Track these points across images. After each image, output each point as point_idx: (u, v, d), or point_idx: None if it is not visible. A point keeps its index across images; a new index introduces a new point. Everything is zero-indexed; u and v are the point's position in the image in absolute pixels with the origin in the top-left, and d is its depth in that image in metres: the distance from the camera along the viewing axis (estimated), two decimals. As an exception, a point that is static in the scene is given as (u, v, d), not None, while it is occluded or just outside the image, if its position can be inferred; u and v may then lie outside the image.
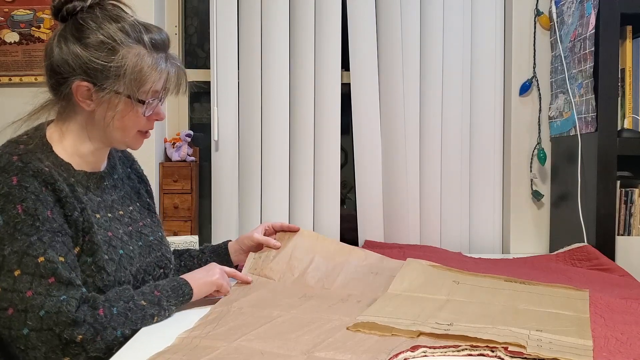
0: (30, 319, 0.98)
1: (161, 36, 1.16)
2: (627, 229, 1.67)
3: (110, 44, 1.10)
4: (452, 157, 2.05)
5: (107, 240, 1.13)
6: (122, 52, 1.10)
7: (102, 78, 1.11)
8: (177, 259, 1.47)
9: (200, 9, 2.27)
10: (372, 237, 2.03)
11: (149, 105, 1.16)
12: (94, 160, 1.19)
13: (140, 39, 1.12)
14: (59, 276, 1.01)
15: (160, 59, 1.14)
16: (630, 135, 1.67)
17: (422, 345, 0.96)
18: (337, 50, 2.02)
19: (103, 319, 1.01)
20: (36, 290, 0.99)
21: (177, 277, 1.20)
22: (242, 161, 2.06)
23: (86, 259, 1.09)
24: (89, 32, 1.11)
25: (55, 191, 1.05)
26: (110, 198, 1.22)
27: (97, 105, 1.13)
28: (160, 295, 1.12)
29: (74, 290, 1.01)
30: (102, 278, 1.09)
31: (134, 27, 1.13)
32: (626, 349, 0.96)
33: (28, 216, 1.01)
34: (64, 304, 0.99)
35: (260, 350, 0.95)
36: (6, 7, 2.03)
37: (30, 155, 1.07)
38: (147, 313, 1.08)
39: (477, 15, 2.05)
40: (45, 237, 1.02)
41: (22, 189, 1.02)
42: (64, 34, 1.13)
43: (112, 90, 1.11)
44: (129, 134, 1.18)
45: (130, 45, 1.11)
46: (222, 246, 1.50)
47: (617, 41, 1.66)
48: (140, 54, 1.12)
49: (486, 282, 1.34)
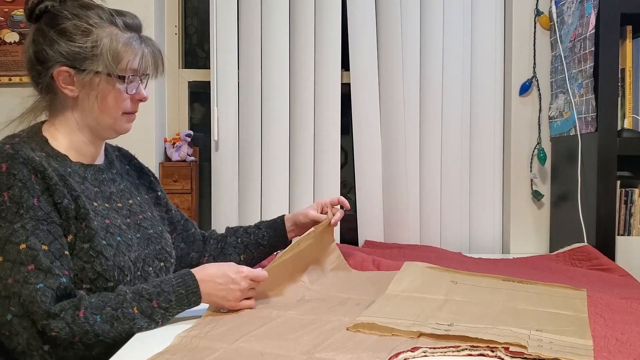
0: (12, 304, 0.99)
1: (134, 20, 1.19)
2: (627, 229, 1.67)
3: (84, 27, 1.13)
4: (452, 157, 2.05)
5: (104, 227, 1.13)
6: (96, 32, 1.14)
7: (80, 60, 1.13)
8: (231, 236, 1.48)
9: (200, 9, 2.27)
10: (372, 237, 2.03)
11: (130, 83, 1.17)
12: (89, 152, 1.20)
13: (113, 21, 1.16)
14: (38, 263, 1.01)
15: (133, 38, 1.17)
16: (630, 135, 1.67)
17: (422, 346, 0.96)
18: (337, 50, 2.02)
19: (82, 321, 1.00)
20: (15, 277, 1.00)
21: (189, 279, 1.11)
22: (242, 161, 2.06)
23: (82, 246, 1.08)
24: (63, 20, 1.14)
25: (45, 179, 1.06)
26: (108, 190, 1.22)
27: (80, 89, 1.15)
28: (156, 308, 1.07)
29: (52, 279, 1.01)
30: (100, 263, 1.08)
31: (106, 11, 1.17)
32: (626, 349, 0.96)
33: (13, 204, 1.03)
34: (39, 294, 0.99)
35: (260, 352, 0.94)
36: (6, 7, 2.03)
37: (23, 144, 1.09)
38: (135, 325, 1.04)
39: (477, 15, 2.05)
40: (29, 225, 1.02)
41: (10, 176, 1.04)
42: (39, 27, 1.16)
43: (92, 70, 1.14)
44: (114, 114, 1.18)
45: (103, 27, 1.15)
46: (277, 221, 1.50)
47: (617, 41, 1.66)
48: (114, 32, 1.15)
49: (484, 281, 1.34)
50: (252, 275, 1.17)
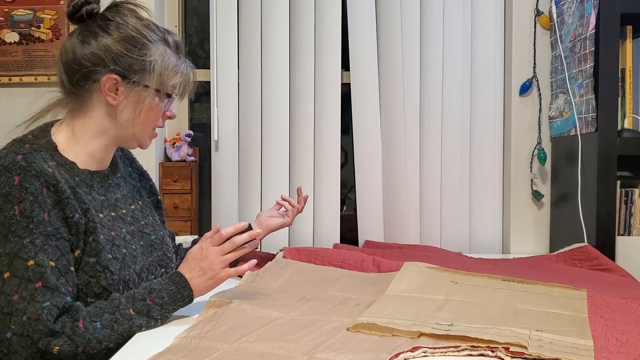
0: (13, 322, 0.97)
1: (179, 39, 1.23)
2: (627, 229, 1.67)
3: (141, 40, 1.14)
4: (452, 157, 2.05)
5: (110, 240, 1.13)
6: (152, 48, 1.15)
7: (133, 72, 1.13)
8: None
9: (200, 9, 2.27)
10: (372, 237, 2.03)
11: (170, 101, 1.21)
12: (100, 157, 1.19)
13: (165, 39, 1.18)
14: (46, 281, 0.99)
15: (181, 60, 1.21)
16: (630, 135, 1.67)
17: (422, 346, 0.96)
18: (337, 50, 2.02)
19: (83, 331, 0.99)
20: (21, 294, 0.98)
21: (176, 276, 1.14)
22: (242, 161, 2.06)
23: (89, 260, 1.08)
24: (118, 27, 1.14)
25: (57, 192, 1.04)
26: (114, 197, 1.21)
27: (123, 99, 1.15)
28: (151, 305, 1.08)
29: (59, 297, 1.00)
30: (106, 277, 1.08)
31: (158, 27, 1.19)
32: (626, 349, 0.96)
33: (23, 218, 1.01)
34: (45, 312, 0.97)
35: (261, 352, 0.94)
36: (6, 7, 2.03)
37: (35, 154, 1.07)
38: (135, 324, 1.05)
39: (477, 15, 2.05)
40: (38, 240, 1.01)
41: (22, 189, 1.01)
42: (89, 29, 1.14)
43: (141, 83, 1.14)
44: (148, 129, 1.20)
45: (158, 43, 1.16)
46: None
47: (617, 41, 1.66)
48: (167, 51, 1.17)
49: (484, 281, 1.34)
50: (210, 242, 1.16)
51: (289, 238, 2.05)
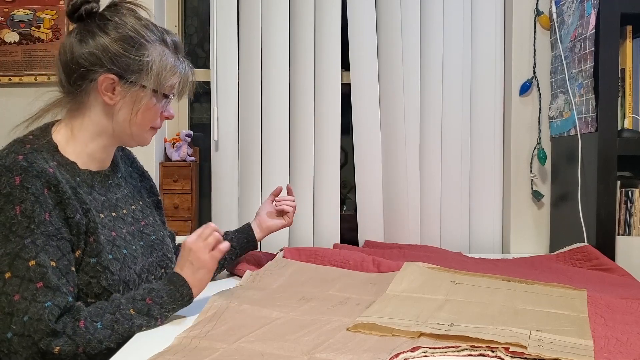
0: (14, 322, 0.97)
1: (178, 39, 1.23)
2: (627, 229, 1.67)
3: (139, 40, 1.14)
4: (452, 157, 2.05)
5: (111, 240, 1.13)
6: (150, 48, 1.15)
7: (130, 72, 1.14)
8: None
9: (200, 9, 2.27)
10: (372, 237, 2.03)
11: (168, 101, 1.20)
12: (100, 157, 1.20)
13: (164, 39, 1.18)
14: (47, 281, 0.99)
15: (179, 60, 1.21)
16: (630, 135, 1.67)
17: (422, 346, 0.96)
18: (337, 50, 2.02)
19: (84, 331, 0.99)
20: (23, 294, 0.98)
21: (173, 276, 1.14)
22: (242, 161, 2.06)
23: (89, 260, 1.08)
24: (116, 27, 1.14)
25: (58, 192, 1.04)
26: (114, 197, 1.21)
27: (120, 99, 1.15)
28: (151, 304, 1.09)
29: (60, 297, 1.00)
30: (106, 277, 1.08)
31: (156, 27, 1.19)
32: (626, 349, 0.96)
33: (24, 218, 1.01)
34: (47, 312, 0.97)
35: (261, 352, 0.94)
36: (6, 7, 2.03)
37: (36, 154, 1.07)
38: (135, 324, 1.06)
39: (477, 15, 2.05)
40: (39, 241, 1.01)
41: (23, 189, 1.01)
42: (87, 29, 1.14)
43: (139, 83, 1.14)
44: (145, 128, 1.20)
45: (156, 44, 1.16)
46: (245, 226, 1.61)
47: (617, 41, 1.66)
48: (165, 51, 1.17)
49: (484, 281, 1.34)
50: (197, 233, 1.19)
51: (289, 238, 2.05)
